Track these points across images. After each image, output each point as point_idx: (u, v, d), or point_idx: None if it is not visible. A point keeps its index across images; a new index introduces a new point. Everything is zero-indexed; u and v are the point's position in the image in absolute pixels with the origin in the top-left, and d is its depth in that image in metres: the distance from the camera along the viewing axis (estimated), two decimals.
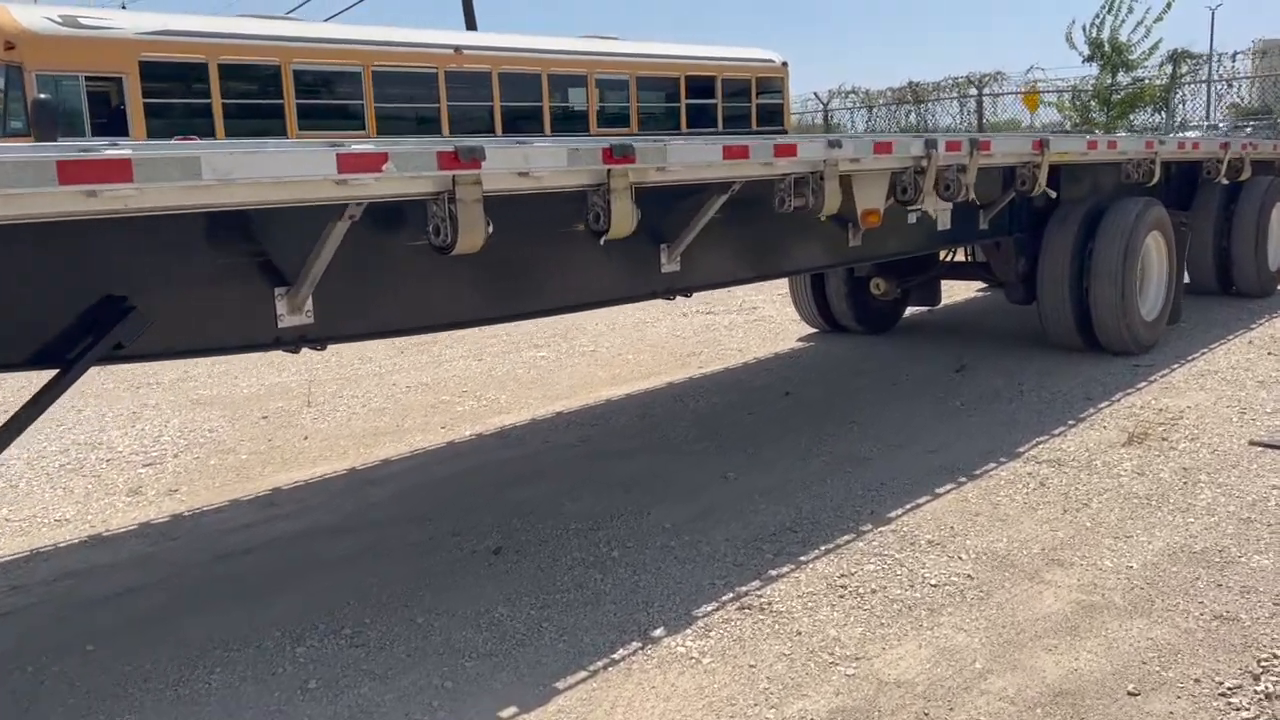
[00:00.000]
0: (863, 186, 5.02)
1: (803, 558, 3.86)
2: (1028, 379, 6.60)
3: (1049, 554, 3.84)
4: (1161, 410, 5.73)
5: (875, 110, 21.75)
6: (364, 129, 13.07)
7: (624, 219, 3.43)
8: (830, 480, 4.77)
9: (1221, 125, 18.22)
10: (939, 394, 6.35)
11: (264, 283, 3.20)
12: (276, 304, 3.22)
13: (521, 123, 14.75)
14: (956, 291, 9.82)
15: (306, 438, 5.93)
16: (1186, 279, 9.48)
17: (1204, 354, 7.10)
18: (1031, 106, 21.24)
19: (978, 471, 4.82)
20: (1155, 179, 7.03)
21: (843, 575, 3.70)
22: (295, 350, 3.31)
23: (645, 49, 16.72)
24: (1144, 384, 6.34)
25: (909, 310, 9.04)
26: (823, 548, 3.95)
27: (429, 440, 5.79)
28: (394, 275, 3.41)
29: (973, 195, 5.16)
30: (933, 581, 3.63)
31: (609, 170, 3.33)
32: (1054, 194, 6.10)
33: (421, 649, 3.26)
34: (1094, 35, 17.81)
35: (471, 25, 26.48)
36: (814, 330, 8.63)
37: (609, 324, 9.40)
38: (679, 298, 4.86)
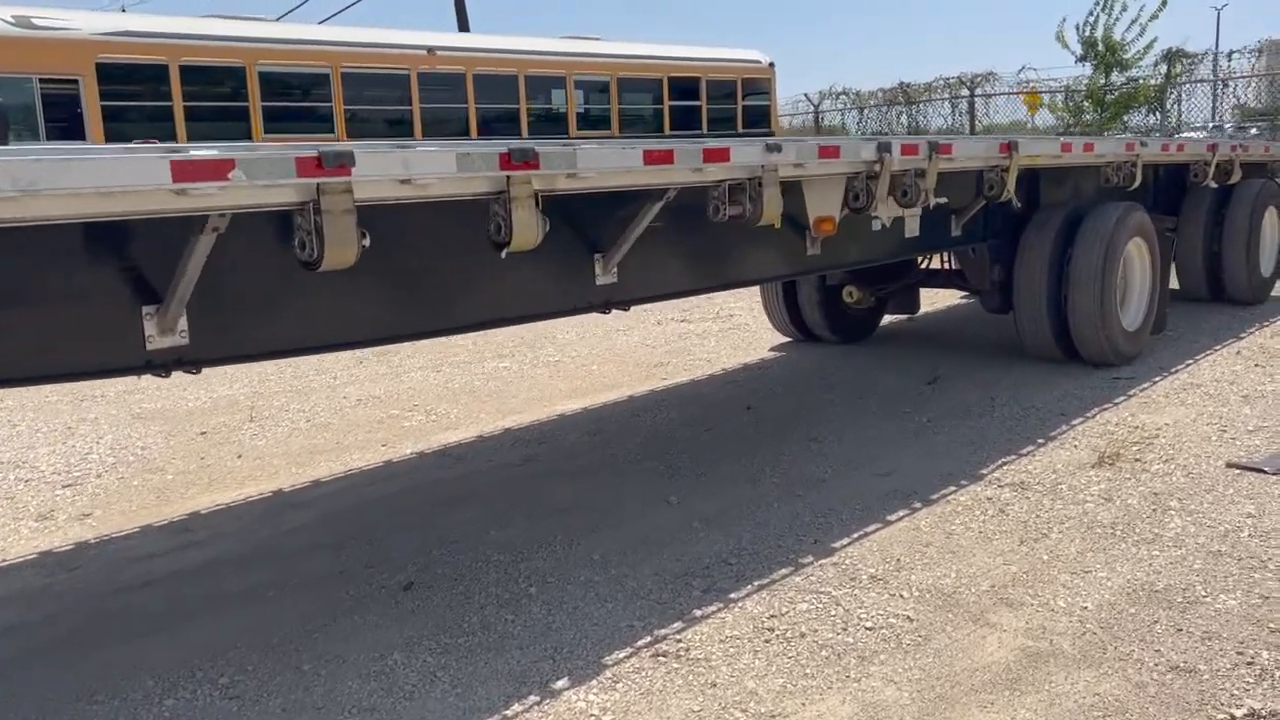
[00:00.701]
0: (815, 193, 4.74)
1: (733, 595, 3.58)
2: (1002, 392, 6.31)
3: (999, 592, 3.55)
4: (1137, 428, 5.43)
5: (866, 112, 21.43)
6: (333, 132, 12.79)
7: (527, 230, 3.14)
8: (778, 505, 4.48)
9: (1227, 126, 17.89)
10: (907, 409, 6.06)
11: (130, 301, 2.92)
12: (145, 324, 2.94)
13: (498, 125, 14.45)
14: (940, 298, 9.53)
15: (240, 456, 5.66)
16: (1176, 285, 9.24)
17: (1188, 366, 6.80)
18: (1032, 108, 20.94)
19: (935, 496, 4.53)
20: (1137, 183, 6.73)
21: (772, 616, 3.41)
22: (166, 374, 3.03)
23: (627, 49, 16.41)
24: (1122, 398, 6.04)
25: (887, 318, 8.78)
26: (756, 583, 3.67)
27: (367, 459, 5.52)
28: (277, 292, 3.13)
29: (932, 202, 4.87)
30: (868, 624, 3.34)
31: (508, 177, 3.05)
32: (1018, 203, 5.80)
33: (300, 703, 2.98)
34: (1087, 34, 17.49)
35: (464, 26, 26.26)
36: (787, 339, 8.35)
37: (579, 333, 9.12)
38: (631, 308, 4.60)
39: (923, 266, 7.69)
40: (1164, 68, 16.22)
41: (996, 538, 4.03)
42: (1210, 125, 17.49)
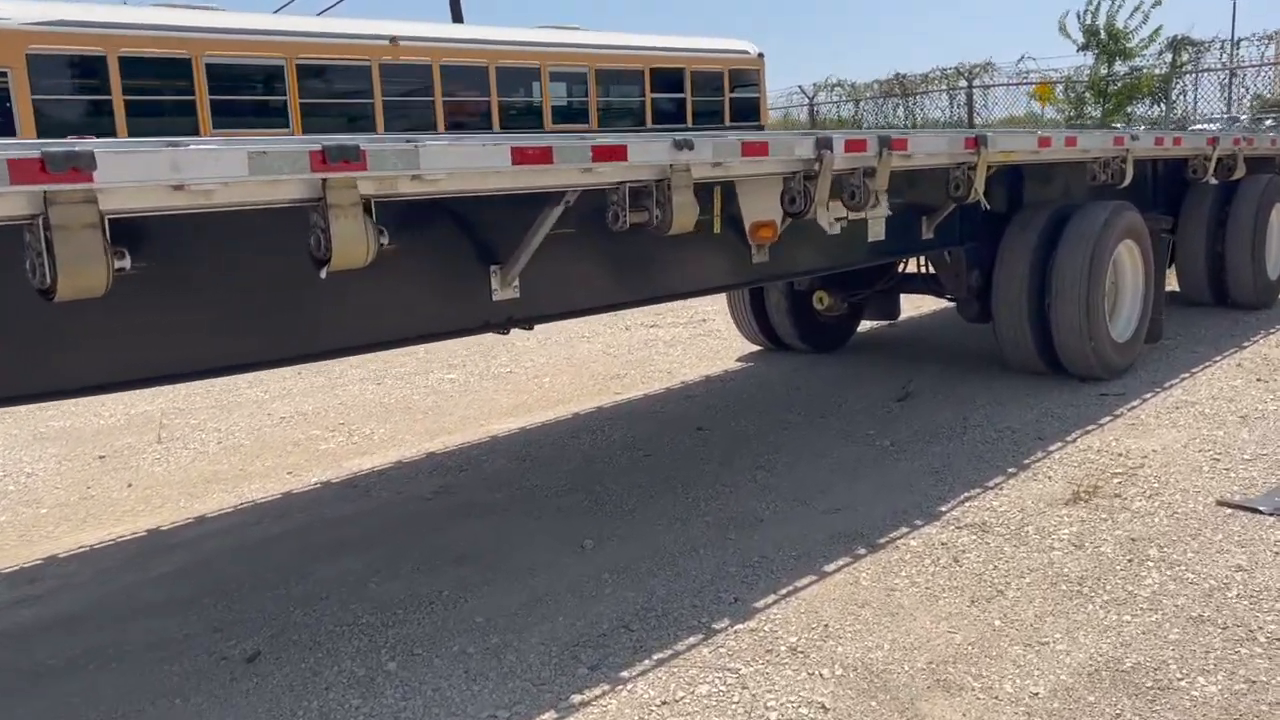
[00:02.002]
0: (750, 196, 4.20)
1: (624, 673, 3.05)
2: (976, 411, 5.76)
3: (936, 670, 3.00)
4: (1121, 455, 4.87)
5: (862, 104, 20.75)
6: (288, 127, 12.25)
7: (351, 244, 2.61)
8: (704, 551, 3.95)
9: (1243, 118, 17.23)
10: (870, 430, 5.51)
11: None
12: None
13: (467, 120, 13.89)
14: (926, 302, 8.96)
15: (130, 485, 5.15)
16: (1177, 289, 8.66)
17: (1184, 380, 6.23)
18: (1043, 99, 20.19)
19: (883, 540, 3.99)
20: (1127, 180, 6.15)
21: (664, 703, 2.88)
22: None
23: (605, 39, 15.78)
24: (1107, 419, 5.48)
25: (867, 324, 8.23)
26: (655, 657, 3.13)
27: (267, 490, 5.00)
28: (62, 317, 2.60)
29: (884, 205, 4.32)
30: (773, 715, 2.80)
31: (324, 180, 2.52)
32: (987, 205, 5.24)
33: None
34: (1089, 22, 16.80)
35: (458, 18, 25.72)
36: (758, 348, 7.81)
37: (540, 339, 8.60)
38: (535, 326, 4.07)
39: (901, 269, 7.14)
40: (1169, 57, 15.52)
41: (945, 596, 3.48)
42: (1225, 117, 16.82)
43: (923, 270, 6.94)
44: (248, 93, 12.30)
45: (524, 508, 4.56)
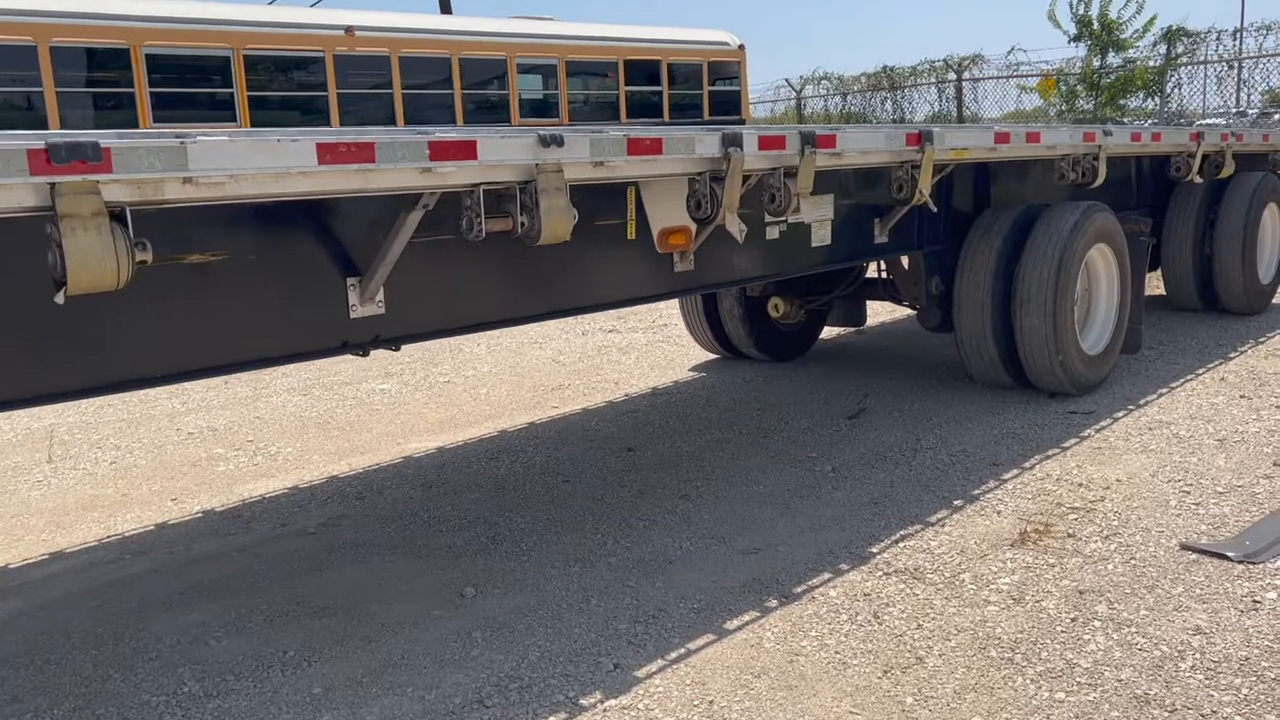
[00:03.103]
0: (656, 199, 3.74)
1: None
2: (932, 430, 5.30)
3: None
4: (1081, 485, 4.40)
5: (850, 98, 20.18)
6: (235, 120, 11.76)
7: (93, 263, 2.14)
8: (597, 602, 3.49)
9: (1251, 112, 16.68)
10: (813, 452, 5.05)
11: None
12: None
13: (429, 113, 13.37)
14: (899, 309, 8.49)
15: None
16: (1164, 294, 8.19)
17: (1160, 396, 5.75)
18: (1045, 93, 19.62)
19: (800, 588, 3.53)
20: (1099, 179, 5.67)
21: None
22: None
23: (576, 30, 15.23)
24: (1073, 442, 5.01)
25: (831, 331, 7.78)
26: None
27: (143, 519, 4.56)
28: None
29: (805, 211, 3.86)
30: None
31: (53, 185, 2.06)
32: (934, 206, 4.76)
33: None
34: (1081, 12, 16.25)
35: (446, 9, 25.25)
36: (714, 357, 7.35)
37: (490, 345, 8.16)
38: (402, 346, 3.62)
39: (863, 274, 6.67)
40: (1163, 48, 14.97)
41: (856, 663, 3.03)
42: (1233, 111, 16.24)
43: (882, 275, 6.47)
44: (191, 85, 11.80)
45: (413, 545, 4.11)
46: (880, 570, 3.66)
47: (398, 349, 3.44)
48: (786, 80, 21.34)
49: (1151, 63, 14.96)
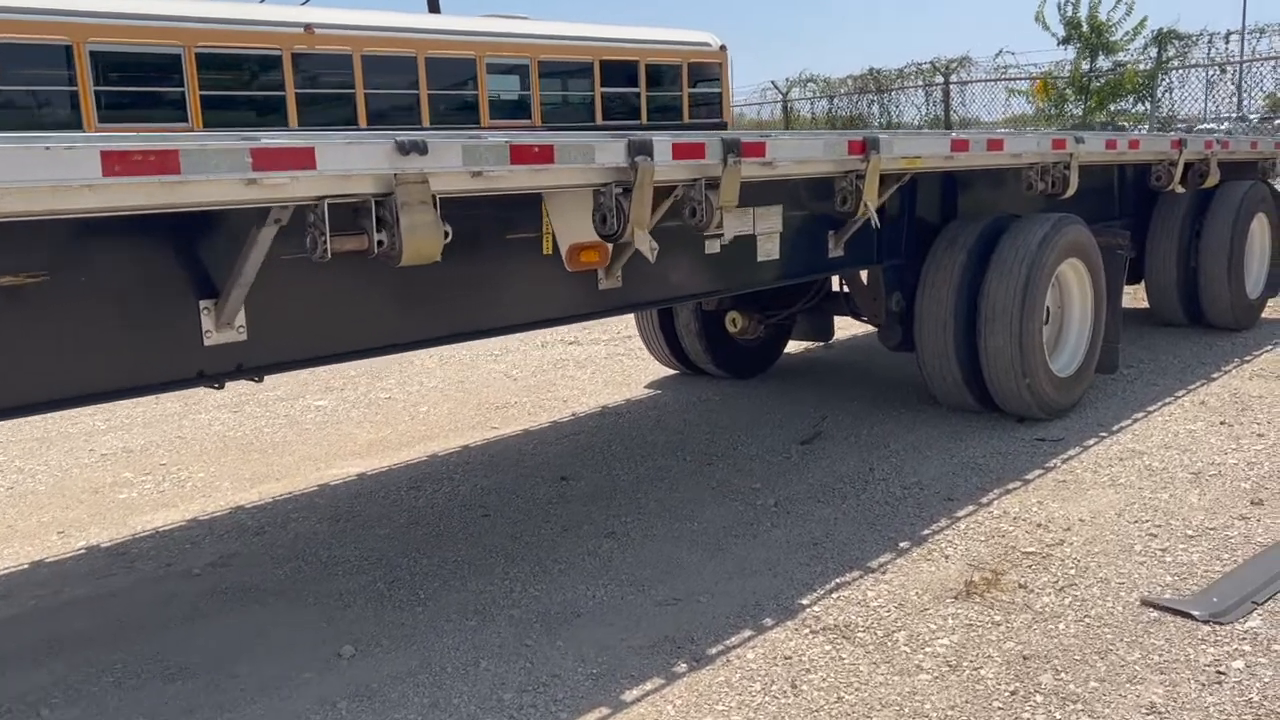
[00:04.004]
0: (562, 212, 3.38)
1: None
2: (887, 459, 4.94)
3: None
4: (1041, 525, 4.04)
5: (836, 100, 19.78)
6: (186, 121, 11.38)
7: None
8: (487, 665, 3.13)
9: (1253, 118, 16.32)
10: (757, 483, 4.69)
11: None
12: None
13: (394, 114, 12.99)
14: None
15: None
16: (1150, 308, 7.83)
17: (1136, 421, 5.39)
18: (1044, 97, 19.18)
19: (716, 648, 3.17)
20: (1070, 189, 5.31)
21: None
22: None
23: (550, 29, 14.82)
24: (1036, 474, 4.65)
25: (798, 345, 7.42)
26: None
27: (20, 556, 4.20)
28: None
29: (726, 227, 3.49)
30: None
31: None
32: (876, 223, 4.40)
33: None
34: (1070, 13, 15.85)
35: (435, 8, 24.89)
36: (672, 373, 6.99)
37: (442, 358, 7.80)
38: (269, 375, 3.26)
39: (826, 287, 6.31)
40: (1154, 51, 14.57)
41: None
42: (1234, 116, 15.86)
43: (845, 288, 6.11)
44: (139, 84, 11.40)
45: (303, 591, 3.74)
46: (808, 626, 3.29)
47: (260, 380, 3.08)
48: (773, 83, 20.97)
49: (1142, 66, 14.59)
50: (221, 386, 2.99)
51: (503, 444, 5.58)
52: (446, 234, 2.72)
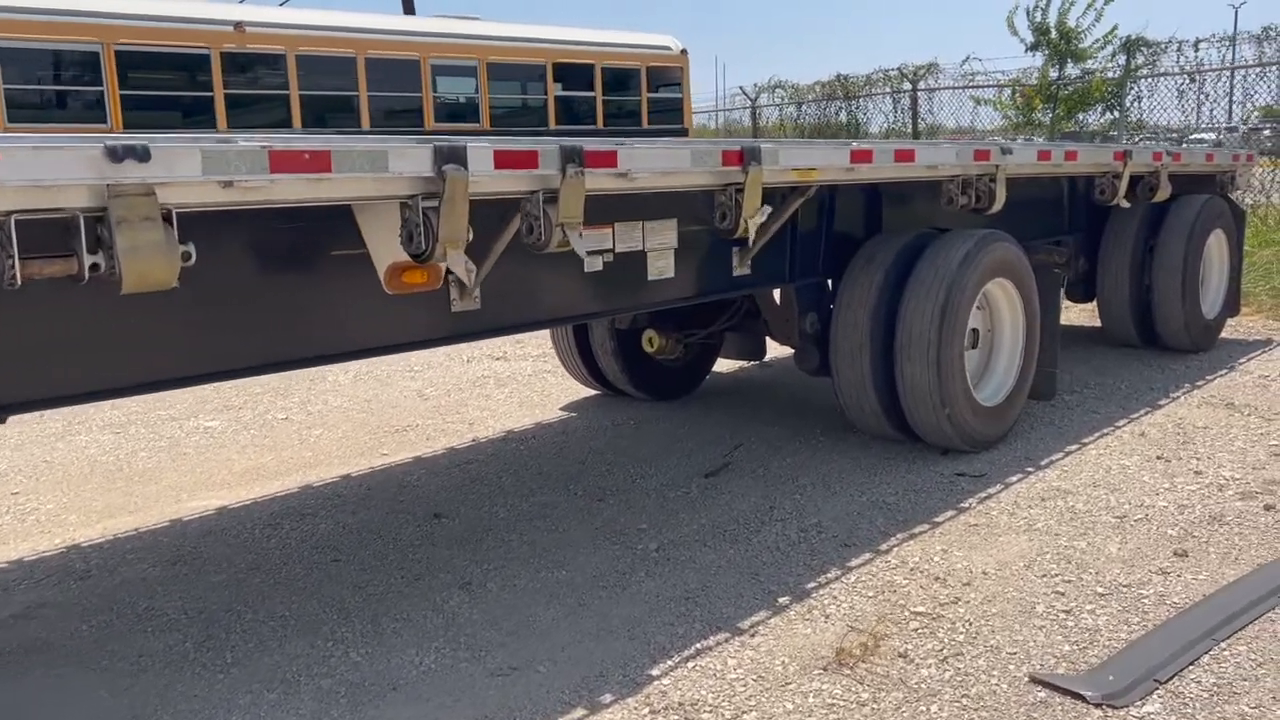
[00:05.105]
0: (374, 228, 2.97)
1: None
2: (792, 495, 4.54)
3: None
4: (939, 579, 3.64)
5: (805, 107, 19.36)
6: (105, 122, 10.94)
7: None
8: None
9: (1243, 128, 15.99)
10: (644, 524, 4.29)
11: None
12: None
13: (331, 116, 12.55)
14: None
15: None
16: (1101, 326, 7.46)
17: (1068, 455, 5.00)
18: (1030, 106, 18.82)
19: None
20: (996, 203, 4.92)
21: None
22: None
23: (500, 30, 14.37)
24: (949, 515, 4.26)
25: (730, 364, 7.03)
26: None
27: None
28: None
29: (578, 244, 3.09)
30: None
31: None
32: (752, 239, 4.00)
33: None
34: (1039, 19, 15.47)
35: (409, 9, 24.49)
36: (593, 393, 6.59)
37: (356, 374, 7.38)
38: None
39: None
40: (1122, 59, 14.19)
41: None
42: (1223, 127, 15.50)
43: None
44: (53, 82, 10.96)
45: (100, 652, 3.32)
46: (649, 706, 2.88)
47: (3, 421, 2.65)
48: (741, 88, 20.57)
49: (1110, 74, 14.21)
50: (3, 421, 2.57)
51: (386, 473, 5.17)
52: (188, 255, 2.31)
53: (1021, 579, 3.62)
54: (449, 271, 3.14)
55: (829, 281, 5.18)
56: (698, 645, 3.23)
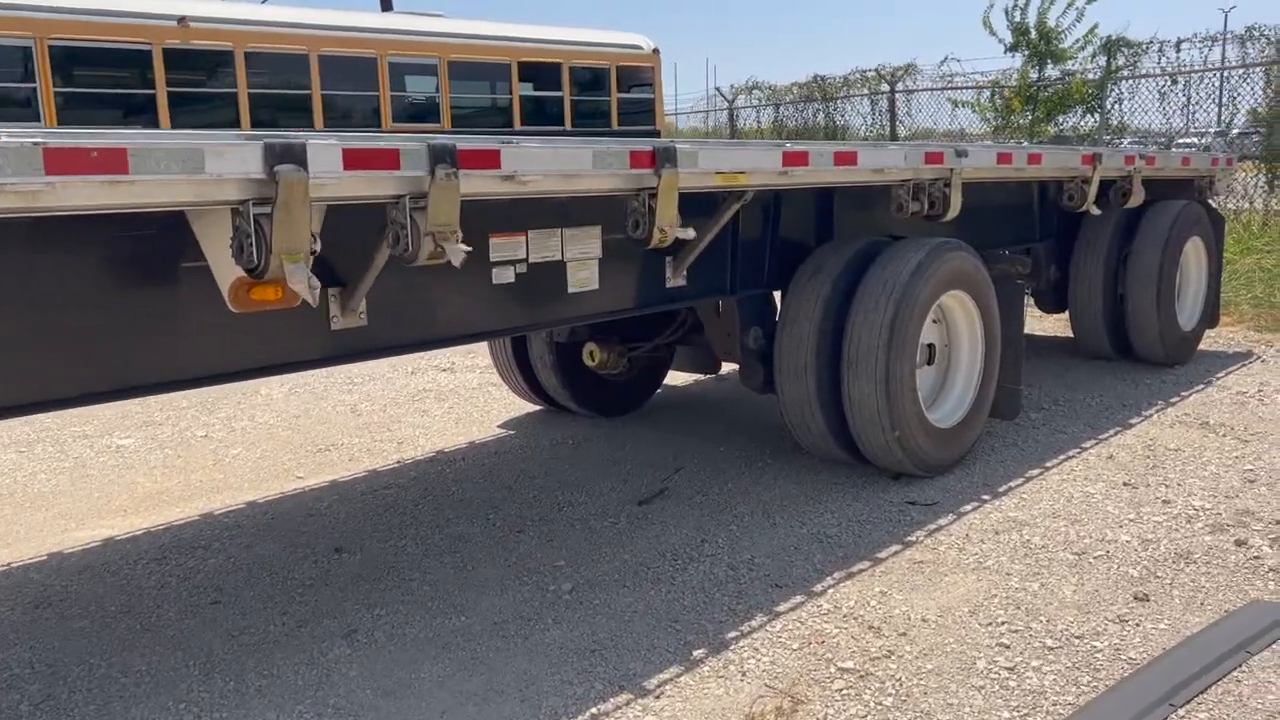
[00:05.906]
0: (210, 239, 2.60)
1: None
2: (728, 525, 4.18)
3: None
4: (875, 627, 3.28)
5: (782, 109, 18.98)
6: (39, 120, 10.54)
7: None
8: None
9: (1232, 132, 15.69)
10: (562, 560, 3.92)
11: None
12: None
13: (283, 115, 12.14)
14: None
15: None
16: (1074, 338, 7.12)
17: (1028, 480, 4.65)
18: (1015, 109, 18.48)
19: None
20: (952, 210, 4.56)
21: None
22: None
23: (462, 28, 13.97)
24: (894, 550, 3.90)
25: (684, 376, 6.67)
26: None
27: None
28: None
29: (452, 253, 2.72)
30: None
31: None
32: (669, 246, 3.64)
33: None
34: (1018, 19, 15.13)
35: (387, 6, 24.07)
36: (535, 408, 6.23)
37: (292, 386, 7.01)
38: None
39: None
40: (1102, 59, 13.85)
41: None
42: (1213, 131, 15.20)
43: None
44: None
45: None
46: None
47: None
48: (718, 89, 20.18)
49: (1090, 75, 13.88)
50: None
51: (296, 500, 4.79)
52: None
53: (964, 628, 3.26)
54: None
55: (776, 294, 4.83)
56: (593, 710, 2.86)
